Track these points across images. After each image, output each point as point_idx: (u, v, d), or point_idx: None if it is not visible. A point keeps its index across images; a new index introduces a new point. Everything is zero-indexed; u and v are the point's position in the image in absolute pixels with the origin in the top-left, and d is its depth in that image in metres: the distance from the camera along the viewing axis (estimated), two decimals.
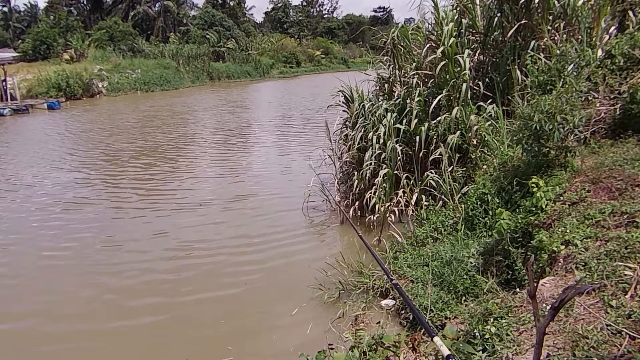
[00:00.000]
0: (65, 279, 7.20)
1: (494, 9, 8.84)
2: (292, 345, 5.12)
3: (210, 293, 6.58)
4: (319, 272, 6.43)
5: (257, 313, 6.03)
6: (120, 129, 21.30)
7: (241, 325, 5.77)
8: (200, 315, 6.04)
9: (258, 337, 5.52)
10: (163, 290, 6.70)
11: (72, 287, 6.92)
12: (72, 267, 7.51)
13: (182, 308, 6.24)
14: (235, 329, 5.70)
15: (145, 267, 7.42)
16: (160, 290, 6.69)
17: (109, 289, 6.77)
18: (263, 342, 5.42)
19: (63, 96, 33.11)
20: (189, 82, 44.96)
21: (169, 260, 7.55)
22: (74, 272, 7.38)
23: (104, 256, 7.87)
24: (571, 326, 3.10)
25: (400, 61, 9.39)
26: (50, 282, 7.10)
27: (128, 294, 6.62)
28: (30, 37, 44.94)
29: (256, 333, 5.60)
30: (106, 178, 12.94)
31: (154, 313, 6.17)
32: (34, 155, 16.10)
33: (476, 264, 5.15)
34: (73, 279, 7.17)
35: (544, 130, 5.23)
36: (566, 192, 4.98)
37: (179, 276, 7.08)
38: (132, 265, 7.50)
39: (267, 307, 6.10)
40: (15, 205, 10.67)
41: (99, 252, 8.03)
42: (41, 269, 7.52)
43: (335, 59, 71.18)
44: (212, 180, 12.57)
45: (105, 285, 6.88)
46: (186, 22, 62.39)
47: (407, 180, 8.02)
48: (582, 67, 6.13)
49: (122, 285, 6.88)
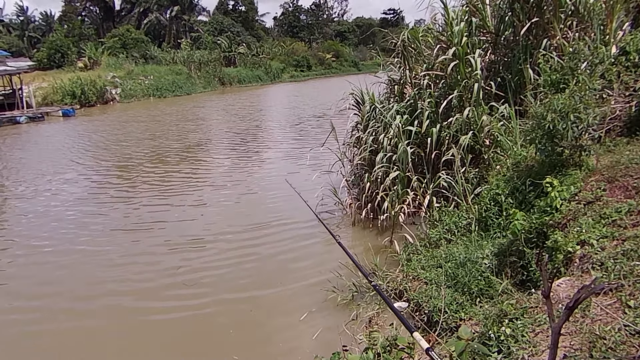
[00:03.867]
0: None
1: (504, 8, 8.77)
2: (307, 347, 5.12)
3: (224, 294, 6.63)
4: (331, 274, 6.43)
5: (270, 315, 6.04)
6: (134, 135, 21.56)
7: (254, 326, 5.80)
8: (212, 318, 6.09)
9: (271, 338, 5.55)
10: (178, 291, 6.78)
11: (84, 283, 7.12)
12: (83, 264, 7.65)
13: (197, 309, 6.32)
14: (249, 330, 5.73)
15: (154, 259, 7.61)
16: (176, 293, 6.76)
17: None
18: (276, 344, 5.43)
19: (77, 103, 33.59)
20: (200, 88, 45.30)
21: (177, 269, 7.62)
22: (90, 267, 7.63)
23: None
24: (588, 327, 3.05)
25: (411, 63, 9.36)
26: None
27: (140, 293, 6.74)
28: (45, 46, 45.69)
29: (269, 334, 5.62)
30: (120, 184, 13.14)
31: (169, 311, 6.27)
32: (53, 161, 16.39)
33: (490, 265, 5.10)
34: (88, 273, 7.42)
35: (557, 130, 5.17)
36: (581, 192, 4.92)
37: (192, 276, 7.16)
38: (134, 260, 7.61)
39: (280, 309, 6.11)
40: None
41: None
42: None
43: (346, 62, 71.21)
44: (226, 180, 12.71)
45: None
46: (197, 29, 62.93)
47: (419, 182, 7.99)
48: (596, 65, 6.04)
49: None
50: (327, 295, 6.06)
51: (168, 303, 6.59)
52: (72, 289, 7.07)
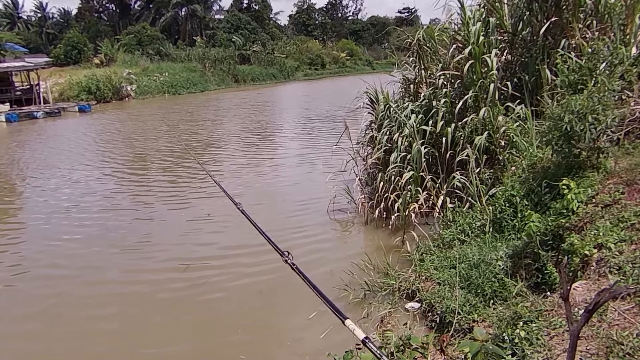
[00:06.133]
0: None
1: (522, 8, 8.67)
2: (319, 344, 5.12)
3: (236, 289, 6.69)
4: (344, 272, 6.43)
5: (282, 312, 6.06)
6: (150, 131, 21.80)
7: (267, 323, 5.83)
8: (224, 312, 6.14)
9: (284, 335, 5.57)
10: (188, 286, 6.85)
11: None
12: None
13: (206, 304, 6.41)
14: (261, 328, 5.75)
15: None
16: (187, 287, 6.83)
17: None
18: (287, 340, 5.46)
19: (93, 99, 34.04)
20: (214, 85, 45.57)
21: (181, 267, 7.64)
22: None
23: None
24: (605, 331, 3.02)
25: (426, 62, 9.31)
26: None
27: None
28: (62, 43, 46.36)
29: (282, 331, 5.64)
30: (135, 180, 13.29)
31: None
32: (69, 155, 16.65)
33: (504, 266, 5.05)
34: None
35: (574, 131, 5.10)
36: (599, 194, 4.86)
37: (202, 273, 7.24)
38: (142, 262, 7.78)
39: (292, 307, 6.12)
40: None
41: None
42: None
43: (360, 61, 71.00)
44: (239, 179, 12.80)
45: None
46: (212, 26, 63.24)
47: (433, 182, 7.95)
48: (615, 66, 5.95)
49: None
50: (339, 294, 6.05)
51: (177, 293, 6.71)
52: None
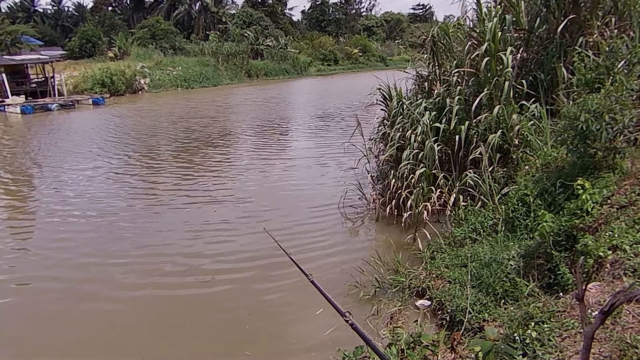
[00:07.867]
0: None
1: (539, 5, 8.57)
2: (329, 339, 5.13)
3: (249, 281, 6.76)
4: (354, 269, 6.43)
5: (293, 307, 6.08)
6: (162, 124, 21.95)
7: (278, 318, 5.86)
8: (228, 312, 6.21)
9: (294, 329, 5.60)
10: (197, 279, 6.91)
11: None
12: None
13: (212, 296, 6.51)
14: (271, 323, 5.79)
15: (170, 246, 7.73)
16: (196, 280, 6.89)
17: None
18: (297, 334, 5.49)
19: (107, 92, 34.31)
20: (227, 80, 45.61)
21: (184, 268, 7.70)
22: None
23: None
24: (619, 334, 2.98)
25: (441, 59, 9.24)
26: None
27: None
28: (77, 36, 46.83)
29: (292, 326, 5.68)
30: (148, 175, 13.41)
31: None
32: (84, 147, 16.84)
33: (516, 266, 5.01)
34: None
35: (590, 131, 5.04)
36: (614, 195, 4.79)
37: (214, 267, 7.29)
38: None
39: (303, 303, 6.13)
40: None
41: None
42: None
43: (373, 57, 70.55)
44: (252, 175, 12.86)
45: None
46: (225, 21, 63.33)
47: (445, 179, 7.90)
48: (634, 64, 5.86)
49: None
50: (349, 290, 6.06)
51: (186, 290, 6.76)
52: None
